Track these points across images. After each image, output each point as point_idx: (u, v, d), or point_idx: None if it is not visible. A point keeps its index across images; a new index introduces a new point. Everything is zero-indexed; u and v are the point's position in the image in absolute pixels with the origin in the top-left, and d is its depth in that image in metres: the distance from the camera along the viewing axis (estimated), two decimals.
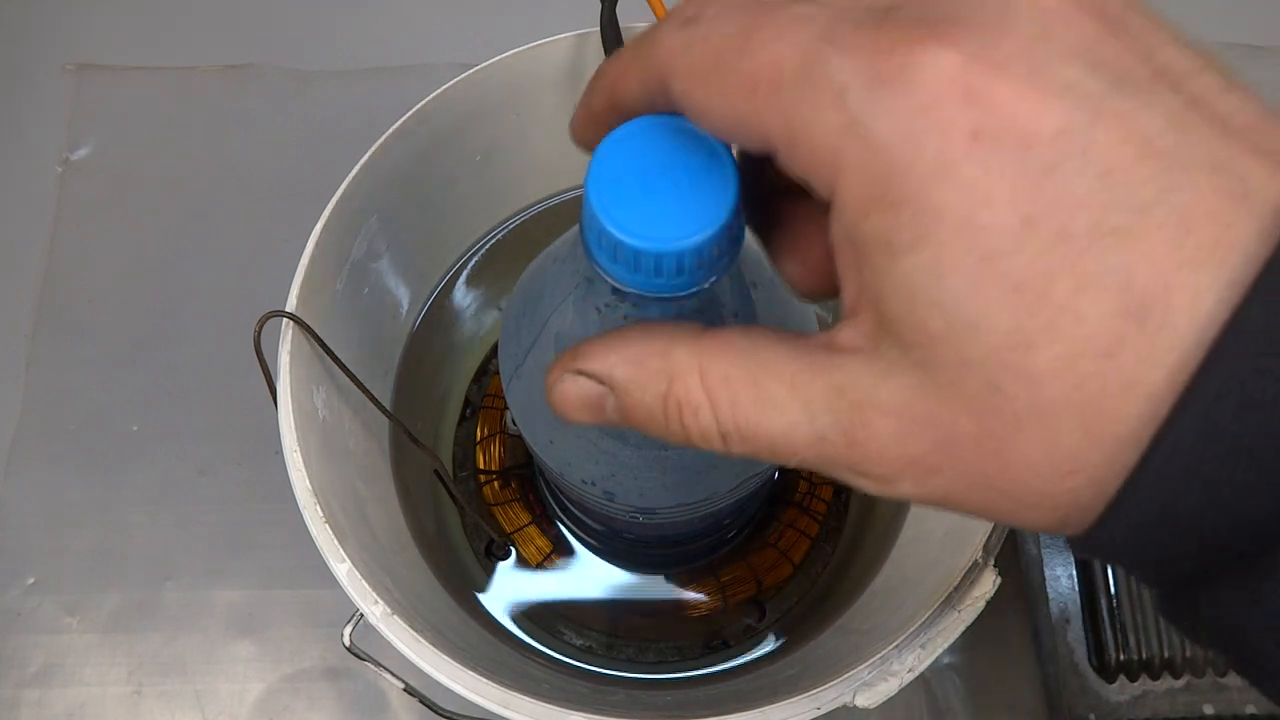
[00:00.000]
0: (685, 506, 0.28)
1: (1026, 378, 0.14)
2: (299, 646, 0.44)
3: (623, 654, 0.40)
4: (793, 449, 0.17)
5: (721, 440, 0.18)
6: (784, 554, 0.41)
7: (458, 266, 0.44)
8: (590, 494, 0.28)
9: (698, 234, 0.18)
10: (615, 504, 0.28)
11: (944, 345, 0.15)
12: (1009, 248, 0.14)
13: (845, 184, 0.15)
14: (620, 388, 0.18)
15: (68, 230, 0.51)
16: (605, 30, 0.35)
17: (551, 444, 0.27)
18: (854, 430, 0.16)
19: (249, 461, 0.46)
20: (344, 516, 0.32)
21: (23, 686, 0.43)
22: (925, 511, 0.38)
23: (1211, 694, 0.38)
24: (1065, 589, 0.40)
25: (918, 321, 0.15)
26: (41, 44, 0.55)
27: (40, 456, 0.47)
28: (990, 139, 0.14)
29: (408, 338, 0.43)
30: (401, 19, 0.56)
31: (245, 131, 0.53)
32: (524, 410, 0.27)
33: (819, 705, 0.29)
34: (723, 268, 0.19)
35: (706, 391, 0.17)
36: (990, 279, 0.14)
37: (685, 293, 0.19)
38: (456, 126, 0.38)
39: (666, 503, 0.27)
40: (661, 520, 0.30)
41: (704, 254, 0.18)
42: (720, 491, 0.28)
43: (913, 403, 0.16)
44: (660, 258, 0.18)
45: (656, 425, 0.18)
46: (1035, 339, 0.14)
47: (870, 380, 0.16)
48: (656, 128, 0.19)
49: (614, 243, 0.18)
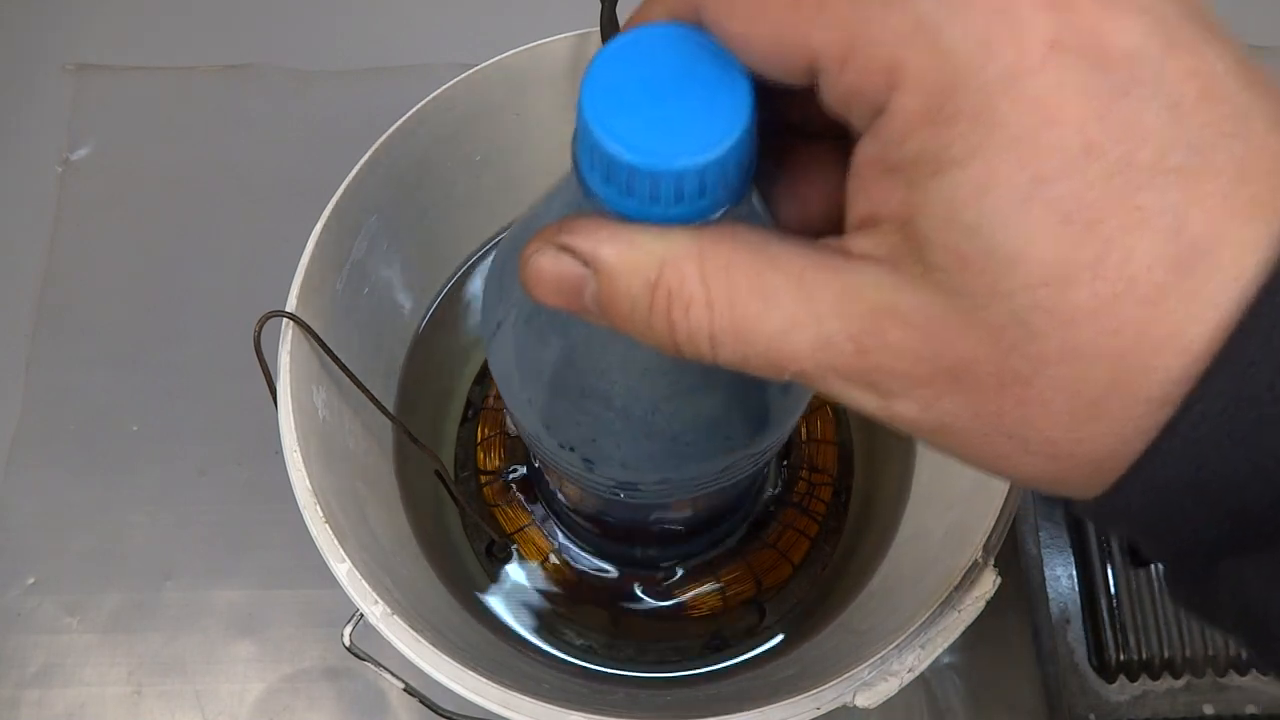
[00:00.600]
0: (668, 485, 0.27)
1: (1060, 316, 0.14)
2: (299, 646, 0.44)
3: (623, 654, 0.40)
4: (792, 354, 0.15)
5: (710, 343, 0.16)
6: (783, 554, 0.41)
7: (461, 269, 0.44)
8: (568, 464, 0.26)
9: (704, 152, 0.16)
10: (594, 476, 0.26)
11: (976, 271, 0.14)
12: (1066, 172, 0.13)
13: (900, 98, 0.14)
14: (605, 270, 0.16)
15: (68, 230, 0.51)
16: (605, 30, 0.35)
17: (530, 404, 0.25)
18: (865, 338, 0.15)
19: (249, 461, 0.46)
20: (344, 516, 0.32)
21: (23, 686, 0.43)
22: (925, 511, 0.38)
23: (1211, 694, 0.38)
24: (1065, 589, 0.40)
25: (951, 243, 0.14)
26: (41, 44, 0.55)
27: (40, 456, 0.47)
28: (1068, 51, 0.13)
29: (411, 338, 0.43)
30: (401, 19, 0.56)
31: (245, 131, 0.53)
32: (504, 368, 0.25)
33: (819, 705, 0.29)
34: (727, 199, 0.17)
35: (704, 280, 0.16)
36: (1040, 204, 0.13)
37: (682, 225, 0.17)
38: (456, 126, 0.38)
39: (649, 476, 0.26)
40: (645, 500, 0.29)
41: (708, 178, 0.16)
42: (706, 471, 0.26)
43: (932, 322, 0.15)
44: (658, 178, 0.16)
45: (639, 320, 0.16)
46: (1077, 274, 0.13)
47: (889, 289, 0.15)
48: (666, 35, 0.16)
49: (607, 159, 0.16)
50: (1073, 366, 0.14)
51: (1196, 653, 0.39)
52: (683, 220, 0.16)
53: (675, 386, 0.23)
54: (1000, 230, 0.14)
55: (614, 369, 0.22)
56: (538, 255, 0.17)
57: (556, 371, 0.23)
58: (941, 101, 0.14)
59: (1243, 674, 0.39)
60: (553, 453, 0.26)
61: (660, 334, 0.16)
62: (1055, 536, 0.41)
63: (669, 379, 0.22)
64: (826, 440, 0.43)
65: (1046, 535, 0.41)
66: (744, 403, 0.24)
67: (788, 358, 0.16)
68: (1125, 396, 0.14)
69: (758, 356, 0.16)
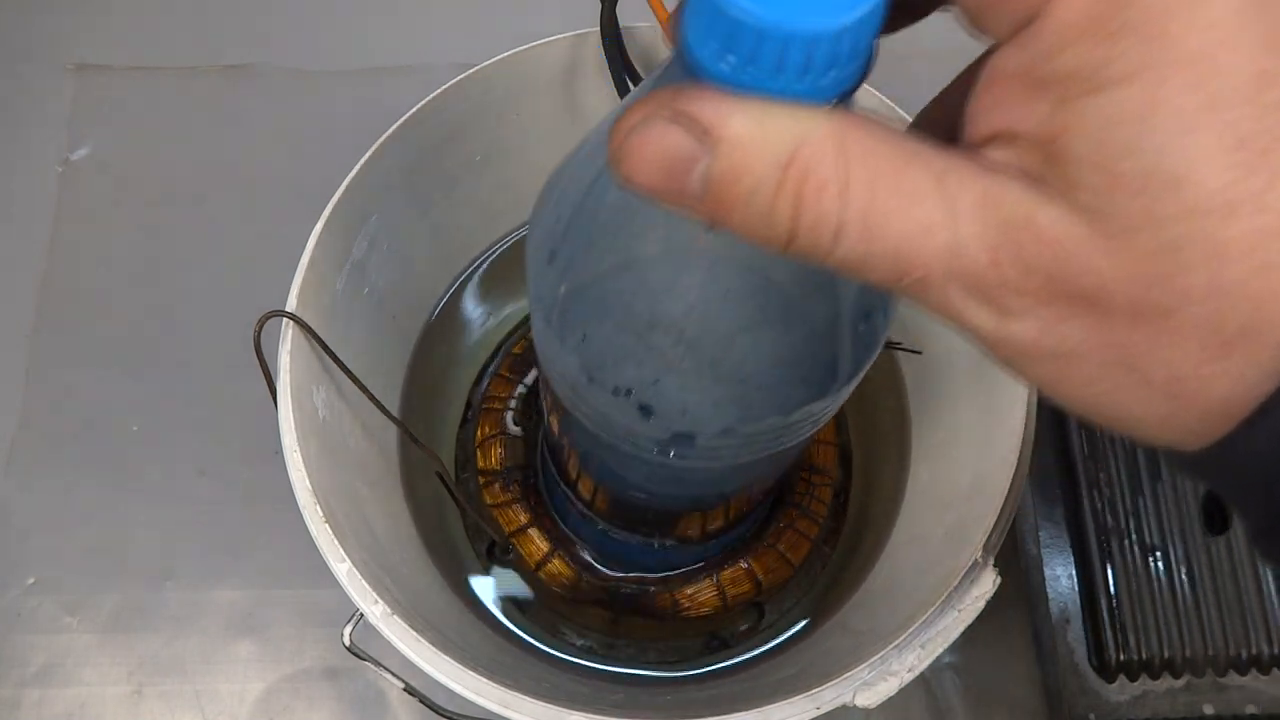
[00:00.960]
0: (728, 440, 0.24)
1: (1213, 249, 0.13)
2: (299, 646, 0.44)
3: (623, 654, 0.40)
4: (921, 258, 0.14)
5: (834, 236, 0.15)
6: (783, 555, 0.41)
7: (461, 268, 0.45)
8: (620, 414, 0.24)
9: (843, 14, 0.14)
10: (648, 426, 0.24)
11: (1130, 194, 0.13)
12: (1239, 99, 0.13)
13: (1058, 8, 0.13)
14: (731, 144, 0.14)
15: (68, 230, 0.51)
16: (605, 30, 0.35)
17: (584, 340, 0.22)
18: (1000, 248, 0.14)
19: (249, 461, 0.46)
20: (344, 516, 0.32)
21: (23, 686, 0.43)
22: (925, 511, 0.38)
23: (1211, 694, 0.38)
24: (1065, 589, 0.40)
25: (1104, 163, 0.13)
26: (41, 44, 0.55)
27: (40, 456, 0.47)
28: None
29: (411, 338, 0.43)
30: (401, 19, 0.56)
31: (245, 131, 0.53)
32: (553, 302, 0.23)
33: (819, 705, 0.29)
34: (852, 77, 0.15)
35: (844, 165, 0.14)
36: (1211, 129, 0.13)
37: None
38: (456, 127, 0.38)
39: (711, 426, 0.23)
40: (693, 464, 0.26)
41: (842, 46, 0.15)
42: (771, 425, 0.24)
43: (1072, 241, 0.14)
44: (788, 42, 0.14)
45: (757, 206, 0.15)
46: (1240, 205, 0.13)
47: (1029, 203, 0.14)
48: None
49: (731, 23, 0.14)
50: (1216, 304, 0.13)
51: (1196, 653, 0.39)
52: (805, 98, 0.15)
53: (759, 315, 0.21)
54: (1165, 153, 0.13)
55: (694, 289, 0.21)
56: (644, 125, 0.15)
57: (622, 297, 0.21)
58: (1106, 15, 0.13)
59: (1243, 674, 0.39)
60: (599, 407, 0.24)
61: (780, 222, 0.15)
62: (1055, 536, 0.41)
63: (754, 303, 0.21)
64: (827, 441, 0.43)
65: (1046, 535, 0.41)
66: (824, 342, 0.22)
67: (915, 261, 0.14)
68: (1258, 339, 0.14)
69: (882, 256, 0.15)
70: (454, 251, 0.44)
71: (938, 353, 0.40)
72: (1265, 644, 0.39)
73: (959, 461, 0.37)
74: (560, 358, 0.24)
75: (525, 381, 0.43)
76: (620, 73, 0.36)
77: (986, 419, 0.35)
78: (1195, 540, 0.41)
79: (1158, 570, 0.40)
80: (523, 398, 0.43)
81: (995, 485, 0.32)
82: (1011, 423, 0.33)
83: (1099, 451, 0.42)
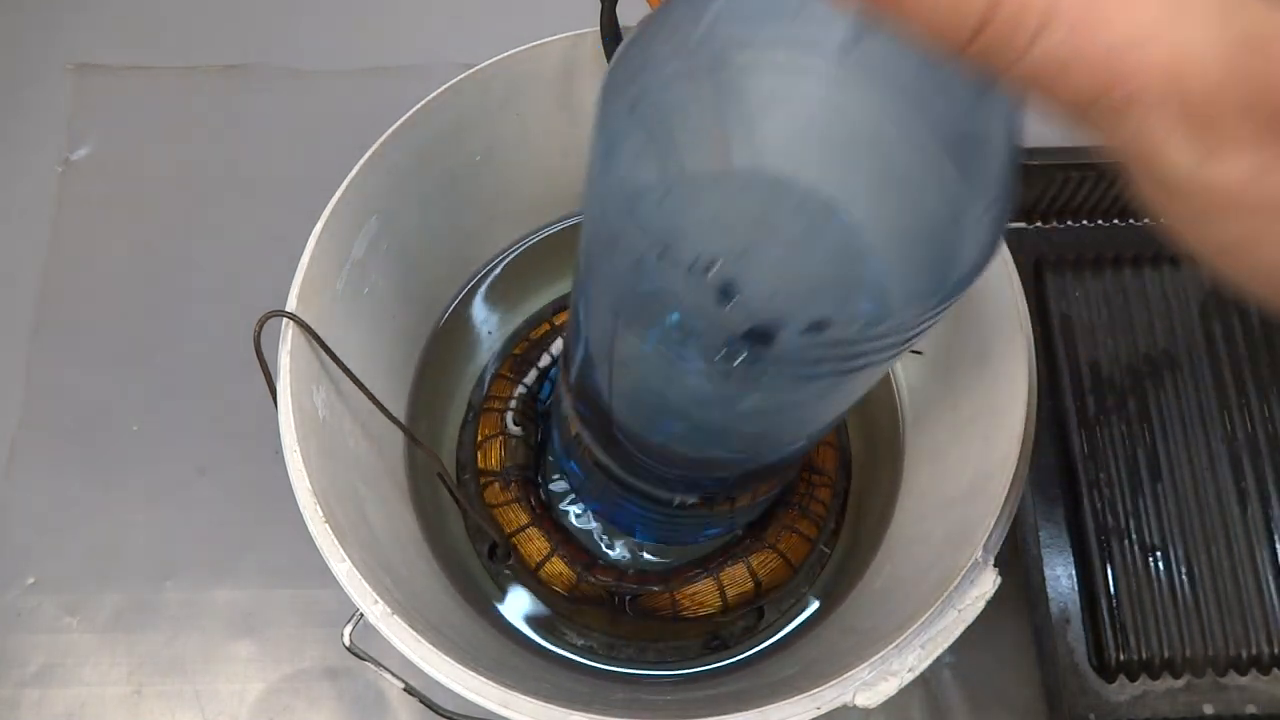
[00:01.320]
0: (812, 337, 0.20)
1: None
2: (299, 646, 0.44)
3: (623, 654, 0.40)
4: (1138, 67, 0.12)
5: (1038, 24, 0.12)
6: (783, 556, 0.41)
7: (461, 268, 0.45)
8: (692, 298, 0.20)
9: None
10: (725, 315, 0.20)
11: None
12: None
13: None
14: None
15: (68, 230, 0.51)
16: (605, 30, 0.35)
17: (669, 194, 0.19)
18: (1233, 68, 0.12)
19: (249, 461, 0.46)
20: (344, 516, 0.32)
21: (23, 686, 0.43)
22: (925, 511, 0.38)
23: (1211, 694, 0.38)
24: (1065, 589, 0.40)
25: None
26: (41, 44, 0.55)
27: (40, 456, 0.47)
28: None
29: (411, 338, 0.43)
30: (401, 19, 0.56)
31: (245, 131, 0.53)
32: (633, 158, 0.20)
33: (819, 705, 0.29)
34: None
35: None
36: None
37: None
38: (456, 126, 0.38)
39: (802, 314, 0.20)
40: (751, 385, 0.23)
41: None
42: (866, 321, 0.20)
43: None
44: None
45: None
46: None
47: (1273, 21, 0.12)
48: None
49: None
50: None
51: (1196, 653, 0.39)
52: None
53: (885, 173, 0.18)
54: None
55: (812, 145, 0.18)
56: None
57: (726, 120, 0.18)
58: None
59: (1243, 674, 0.39)
60: (664, 296, 0.21)
61: (971, 6, 0.13)
62: (1055, 536, 0.41)
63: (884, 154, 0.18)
64: (826, 442, 0.43)
65: (1046, 535, 0.41)
66: (941, 222, 0.19)
67: (1129, 71, 0.12)
68: None
69: (1089, 61, 0.12)
70: (454, 251, 0.44)
71: (938, 353, 0.40)
72: (1265, 644, 0.39)
73: (959, 461, 0.37)
74: (626, 234, 0.20)
75: (525, 382, 0.43)
76: None
77: (986, 419, 0.35)
78: (1195, 540, 0.41)
79: (1158, 570, 0.40)
80: (523, 398, 0.43)
81: (995, 485, 0.32)
82: (1011, 423, 0.33)
83: (1099, 451, 0.42)
